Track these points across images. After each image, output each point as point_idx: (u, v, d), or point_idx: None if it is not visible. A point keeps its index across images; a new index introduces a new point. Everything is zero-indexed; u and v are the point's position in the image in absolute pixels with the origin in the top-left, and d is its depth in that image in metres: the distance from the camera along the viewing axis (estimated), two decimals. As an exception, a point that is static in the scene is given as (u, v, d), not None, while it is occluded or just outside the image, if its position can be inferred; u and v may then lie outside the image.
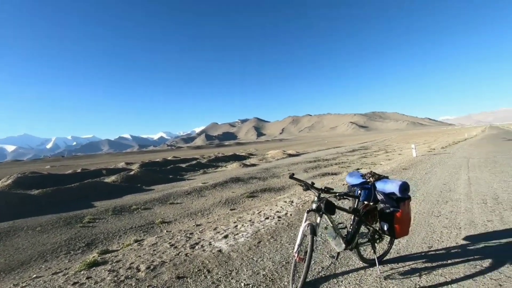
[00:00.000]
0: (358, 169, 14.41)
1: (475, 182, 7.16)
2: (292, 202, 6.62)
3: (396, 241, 3.58)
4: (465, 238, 3.61)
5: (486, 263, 2.92)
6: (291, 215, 5.40)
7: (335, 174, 14.45)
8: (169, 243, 4.43)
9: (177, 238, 4.67)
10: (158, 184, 16.45)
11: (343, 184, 8.38)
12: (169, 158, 39.88)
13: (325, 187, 2.64)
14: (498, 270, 2.77)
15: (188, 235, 4.83)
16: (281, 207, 6.21)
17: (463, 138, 35.97)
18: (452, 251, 3.28)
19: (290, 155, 33.49)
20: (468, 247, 3.34)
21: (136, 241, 5.57)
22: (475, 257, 3.07)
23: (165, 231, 6.16)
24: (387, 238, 3.26)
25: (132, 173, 18.93)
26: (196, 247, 4.05)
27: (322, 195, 2.60)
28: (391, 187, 2.75)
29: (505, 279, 2.61)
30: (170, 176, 19.58)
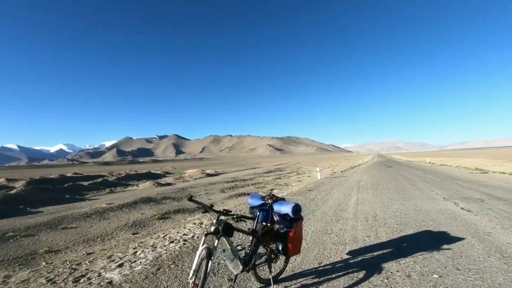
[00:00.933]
0: (272, 189, 15.21)
1: (362, 202, 8.37)
2: (201, 223, 6.47)
3: (292, 259, 3.84)
4: (348, 253, 4.13)
5: (361, 274, 3.38)
6: (197, 237, 5.25)
7: (249, 194, 14.86)
8: (47, 278, 3.71)
9: (58, 271, 3.95)
10: (50, 205, 13.87)
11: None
12: (68, 175, 34.40)
13: (224, 210, 2.67)
14: (368, 280, 3.22)
15: (74, 266, 4.15)
16: (189, 229, 5.99)
17: (358, 163, 42.08)
18: (337, 265, 3.69)
19: (209, 175, 33.11)
20: (349, 261, 3.82)
21: (4, 277, 4.47)
22: (354, 269, 3.52)
23: (43, 263, 5.12)
24: (282, 258, 3.47)
25: (13, 191, 15.55)
26: (82, 280, 3.50)
27: (220, 218, 2.62)
28: (286, 208, 2.97)
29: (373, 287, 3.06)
30: (67, 196, 16.80)
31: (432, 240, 4.53)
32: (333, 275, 3.39)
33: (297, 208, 2.98)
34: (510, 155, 51.37)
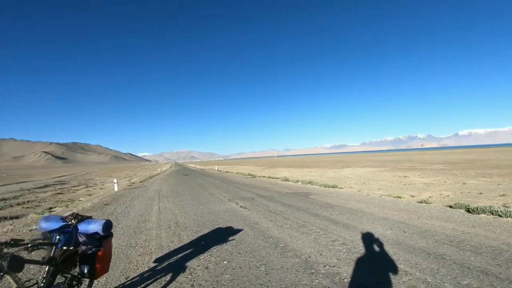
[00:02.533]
0: (51, 208, 12.33)
1: (164, 211, 8.75)
2: None
3: (96, 281, 3.53)
4: (155, 261, 4.32)
5: (169, 276, 3.69)
6: None
7: (16, 217, 11.35)
8: None
9: None
10: None
11: (30, 230, 6.85)
12: None
13: (12, 239, 2.15)
14: (175, 280, 3.59)
15: None
16: None
17: (157, 173, 42.46)
18: (145, 275, 3.79)
19: None
20: (157, 268, 4.03)
21: None
22: (162, 274, 3.78)
23: None
24: (86, 281, 3.15)
25: None
26: None
27: (6, 250, 2.09)
28: (95, 227, 2.78)
29: (178, 285, 3.45)
30: None
31: (222, 235, 5.61)
32: (142, 285, 3.48)
33: (108, 225, 2.86)
34: (269, 163, 70.08)
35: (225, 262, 4.11)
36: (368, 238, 4.89)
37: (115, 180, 17.76)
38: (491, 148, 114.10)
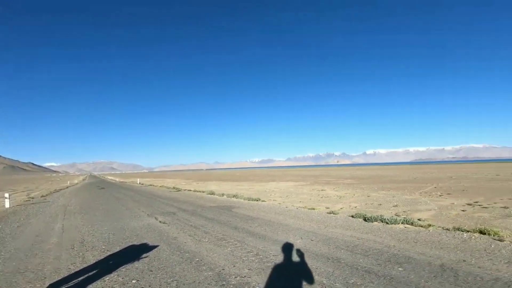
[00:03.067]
0: None
1: (68, 229, 7.74)
2: None
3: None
4: (49, 287, 3.80)
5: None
6: None
7: None
8: None
9: None
10: None
11: None
12: None
13: None
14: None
15: None
16: None
17: (66, 186, 37.17)
18: (32, 304, 3.30)
19: None
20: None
21: None
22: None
23: None
24: None
25: None
26: None
27: None
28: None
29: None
30: None
31: (135, 253, 5.26)
32: (27, 316, 3.02)
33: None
34: (197, 176, 68.43)
35: (134, 281, 3.88)
36: (280, 248, 5.25)
37: (6, 195, 14.86)
38: (390, 165, 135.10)
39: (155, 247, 5.61)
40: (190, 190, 20.94)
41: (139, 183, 38.11)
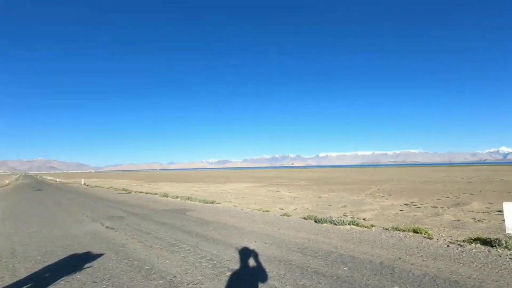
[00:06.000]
0: None
1: (-5, 238, 6.83)
2: None
3: None
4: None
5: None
6: None
7: None
8: None
9: None
10: None
11: None
12: None
13: None
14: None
15: None
16: None
17: (-7, 187, 32.72)
18: None
19: None
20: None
21: None
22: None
23: None
24: None
25: None
26: None
27: None
28: None
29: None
30: None
31: (76, 263, 4.83)
32: None
33: None
34: (149, 177, 65.27)
35: (74, 295, 3.58)
36: (234, 252, 5.27)
37: None
38: (340, 168, 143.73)
39: (100, 255, 5.23)
40: (142, 192, 19.90)
41: (84, 184, 35.10)
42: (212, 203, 12.72)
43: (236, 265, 4.55)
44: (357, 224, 7.27)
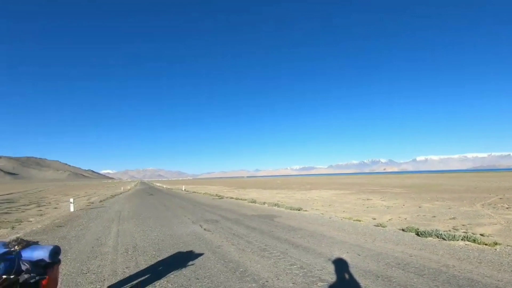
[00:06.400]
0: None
1: (123, 234, 8.36)
2: None
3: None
4: (107, 289, 4.13)
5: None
6: None
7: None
8: None
9: None
10: None
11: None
12: None
13: None
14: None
15: None
16: None
17: (120, 192, 40.32)
18: (94, 305, 3.61)
19: None
20: (108, 297, 3.85)
21: None
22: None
23: None
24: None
25: None
26: None
27: None
28: (41, 253, 2.65)
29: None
30: None
31: (182, 260, 5.49)
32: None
33: (55, 251, 2.73)
34: (238, 184, 69.55)
35: (182, 288, 4.04)
36: (325, 262, 5.07)
37: (71, 200, 16.61)
38: (444, 173, 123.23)
39: (200, 255, 5.79)
40: (232, 198, 21.34)
41: (184, 190, 39.88)
42: (299, 210, 12.65)
43: (327, 276, 4.37)
44: (474, 240, 6.08)
